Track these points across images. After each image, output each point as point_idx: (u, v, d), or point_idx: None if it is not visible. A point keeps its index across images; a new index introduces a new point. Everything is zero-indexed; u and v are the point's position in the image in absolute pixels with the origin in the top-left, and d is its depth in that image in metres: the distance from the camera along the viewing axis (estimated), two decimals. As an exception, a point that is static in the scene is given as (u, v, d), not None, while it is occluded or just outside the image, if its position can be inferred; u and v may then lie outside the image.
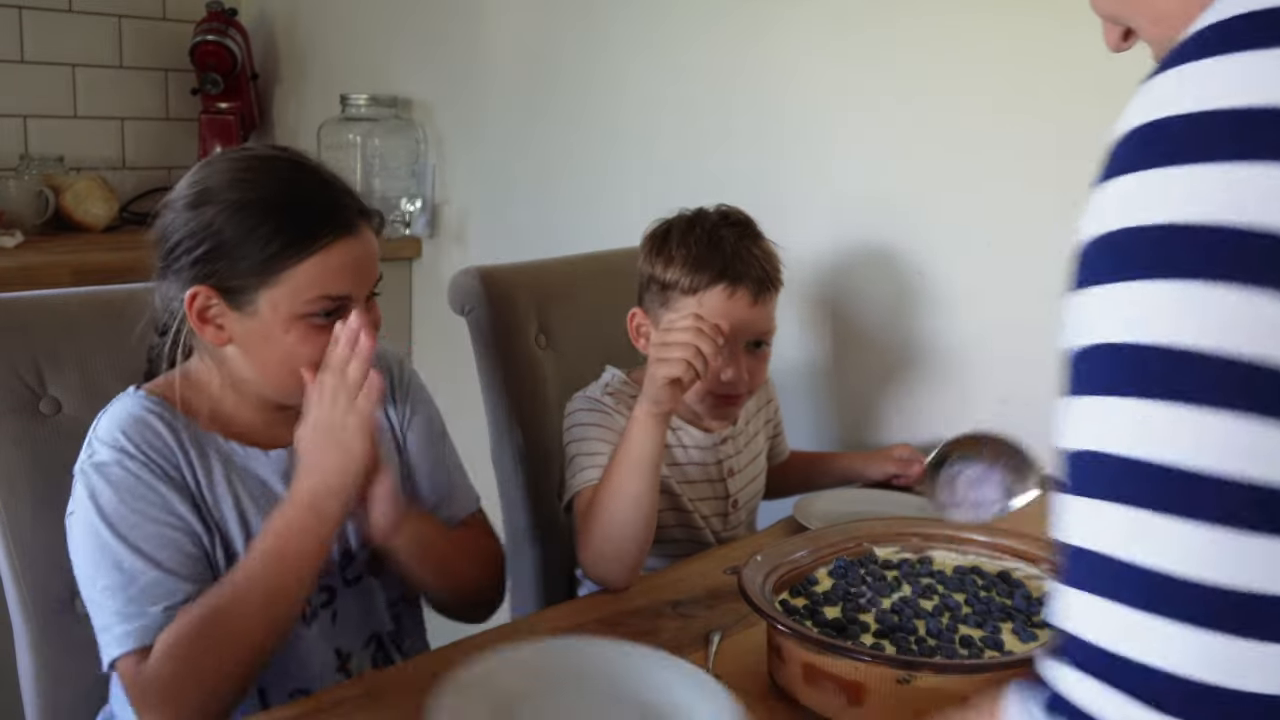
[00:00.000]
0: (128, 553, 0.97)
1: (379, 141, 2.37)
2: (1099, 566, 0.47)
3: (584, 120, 2.10)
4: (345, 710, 0.94)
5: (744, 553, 1.14)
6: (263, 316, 1.01)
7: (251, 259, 1.00)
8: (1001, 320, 1.60)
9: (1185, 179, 0.45)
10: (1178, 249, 0.44)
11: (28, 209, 2.37)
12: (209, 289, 1.01)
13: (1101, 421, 0.48)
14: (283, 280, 1.00)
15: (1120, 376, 0.46)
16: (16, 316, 1.11)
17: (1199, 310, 0.44)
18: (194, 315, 1.02)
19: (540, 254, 1.67)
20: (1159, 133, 0.46)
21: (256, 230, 1.00)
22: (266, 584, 0.97)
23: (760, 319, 1.34)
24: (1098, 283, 0.48)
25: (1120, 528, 0.46)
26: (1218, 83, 0.45)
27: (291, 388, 1.04)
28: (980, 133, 1.59)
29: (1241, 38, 0.45)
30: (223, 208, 1.00)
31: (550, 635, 1.05)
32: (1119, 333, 0.46)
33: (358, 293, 1.05)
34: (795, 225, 1.75)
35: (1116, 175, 0.48)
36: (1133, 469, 0.46)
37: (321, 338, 1.02)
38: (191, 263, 1.01)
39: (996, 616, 1.00)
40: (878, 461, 1.57)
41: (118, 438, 1.00)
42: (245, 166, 1.04)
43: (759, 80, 1.83)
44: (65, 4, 2.53)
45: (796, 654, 0.92)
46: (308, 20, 2.66)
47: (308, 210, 1.02)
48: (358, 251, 1.04)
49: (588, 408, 1.35)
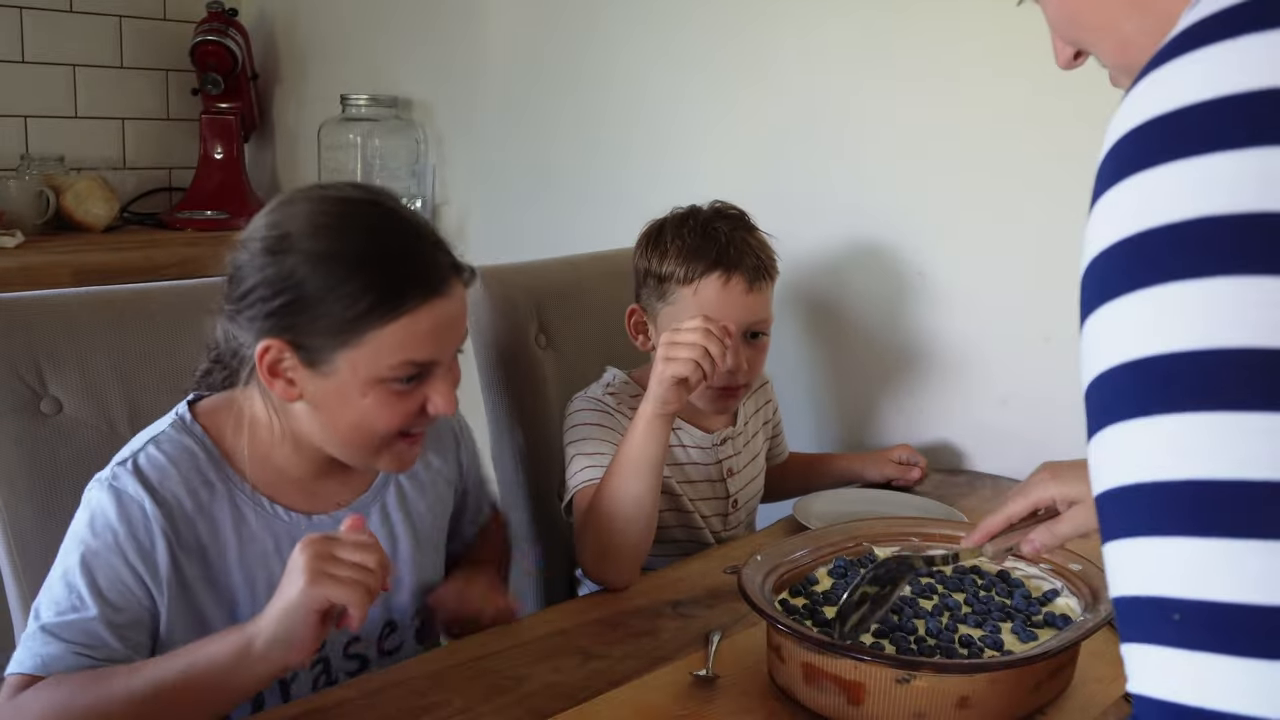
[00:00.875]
0: (86, 585, 0.92)
1: (379, 141, 2.37)
2: (1157, 612, 0.42)
3: (584, 120, 2.10)
4: (345, 711, 0.94)
5: (744, 553, 1.14)
6: (340, 377, 0.94)
7: (333, 317, 0.92)
8: (1001, 320, 1.60)
9: (1195, 171, 0.42)
10: (1197, 245, 0.41)
11: (28, 209, 2.38)
12: (283, 343, 0.93)
13: (1132, 449, 0.43)
14: (366, 342, 0.93)
15: (1148, 393, 0.42)
16: (16, 316, 1.11)
17: (1229, 309, 0.41)
18: (264, 368, 0.95)
19: (540, 254, 1.67)
20: (1161, 129, 0.44)
21: (340, 287, 0.91)
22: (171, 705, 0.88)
23: (756, 307, 1.35)
24: (1114, 296, 0.44)
25: (1180, 563, 0.42)
26: (1213, 71, 0.43)
27: (362, 450, 0.99)
28: (981, 133, 1.59)
29: (1223, 28, 0.43)
30: (304, 258, 0.92)
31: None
32: (1142, 347, 0.43)
33: (444, 356, 0.98)
34: (796, 225, 1.75)
35: (1122, 178, 0.45)
36: (1189, 492, 0.41)
37: (401, 404, 0.96)
38: (266, 313, 0.93)
39: (996, 616, 1.00)
40: (877, 464, 1.57)
41: (148, 477, 0.95)
42: (328, 211, 0.95)
43: (760, 80, 1.83)
44: (65, 4, 2.53)
45: (796, 654, 0.92)
46: (308, 20, 2.66)
47: (397, 267, 0.94)
48: (448, 313, 0.96)
49: (589, 407, 1.35)
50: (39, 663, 0.91)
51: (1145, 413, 0.43)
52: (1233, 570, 0.40)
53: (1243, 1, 0.43)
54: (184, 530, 0.96)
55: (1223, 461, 0.41)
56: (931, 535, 1.15)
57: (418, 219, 0.99)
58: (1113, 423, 0.44)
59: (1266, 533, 0.40)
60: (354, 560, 0.86)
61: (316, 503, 1.05)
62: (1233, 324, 0.41)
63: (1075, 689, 0.95)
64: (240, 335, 0.97)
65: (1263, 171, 0.40)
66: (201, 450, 0.99)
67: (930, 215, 1.66)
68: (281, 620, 0.86)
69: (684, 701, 0.95)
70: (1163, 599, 0.42)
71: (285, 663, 0.87)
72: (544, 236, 2.12)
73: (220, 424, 1.01)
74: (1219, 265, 0.41)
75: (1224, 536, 0.41)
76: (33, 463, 1.09)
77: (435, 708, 0.94)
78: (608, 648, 1.05)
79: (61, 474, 1.09)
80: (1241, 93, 0.41)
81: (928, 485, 1.55)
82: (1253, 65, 0.41)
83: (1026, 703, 0.91)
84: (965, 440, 1.67)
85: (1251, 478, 0.40)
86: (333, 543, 0.87)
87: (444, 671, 1.00)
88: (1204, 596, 0.41)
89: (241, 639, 0.87)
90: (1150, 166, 0.43)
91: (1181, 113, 0.43)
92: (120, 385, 1.14)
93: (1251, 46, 0.42)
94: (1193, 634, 0.41)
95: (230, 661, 0.86)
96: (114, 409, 1.13)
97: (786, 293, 1.79)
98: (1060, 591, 1.04)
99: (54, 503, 1.08)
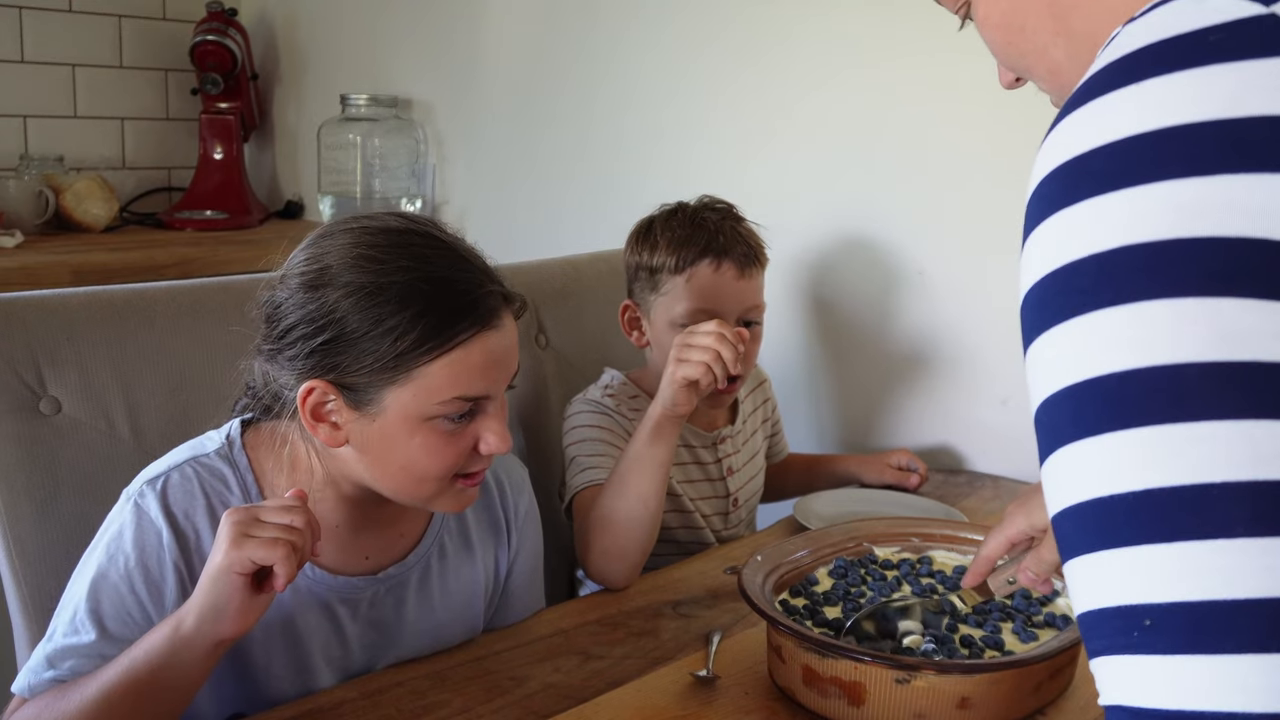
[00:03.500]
0: (89, 611, 0.90)
1: (379, 141, 2.37)
2: (1124, 621, 0.43)
3: (584, 120, 2.10)
4: (345, 711, 0.94)
5: (744, 553, 1.14)
6: (387, 418, 0.90)
7: (378, 354, 0.87)
8: (1001, 320, 1.60)
9: (1118, 203, 0.44)
10: (1123, 272, 0.44)
11: (28, 209, 2.37)
12: (326, 384, 0.89)
13: (1084, 467, 0.45)
14: (414, 378, 0.88)
15: (1098, 412, 0.44)
16: (16, 316, 1.11)
17: (1157, 327, 0.43)
18: (307, 412, 0.90)
19: (540, 254, 1.67)
20: (1082, 167, 0.46)
21: (386, 320, 0.87)
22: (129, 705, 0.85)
23: (749, 292, 1.36)
24: (1050, 325, 0.46)
25: (1145, 569, 0.43)
26: (1120, 114, 0.45)
27: (410, 492, 0.94)
28: (981, 132, 1.59)
29: (1142, 68, 0.45)
30: (345, 292, 0.88)
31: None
32: (1083, 370, 0.45)
33: (495, 391, 0.93)
34: (796, 225, 1.76)
35: (1045, 217, 0.47)
36: (1138, 503, 0.43)
37: (452, 444, 0.91)
38: (308, 352, 0.89)
39: (996, 616, 1.00)
40: (876, 468, 1.57)
41: (173, 504, 0.93)
42: (369, 242, 0.90)
43: (761, 80, 1.83)
44: (65, 4, 2.53)
45: (797, 654, 0.92)
46: (308, 20, 2.66)
47: (446, 298, 0.89)
48: (499, 346, 0.92)
49: (588, 409, 1.35)
50: (24, 685, 0.90)
51: (1091, 432, 0.44)
52: (1199, 570, 0.42)
53: (1145, 46, 0.46)
54: (198, 567, 0.92)
55: (1172, 469, 0.42)
56: (932, 535, 1.15)
57: (464, 246, 0.94)
58: (1061, 445, 0.46)
59: (1224, 532, 0.41)
60: (279, 522, 0.84)
61: (349, 560, 1.00)
62: (1162, 343, 0.43)
63: (1075, 689, 0.95)
64: (280, 376, 0.93)
65: (1173, 202, 0.43)
66: (238, 483, 0.96)
67: (930, 214, 1.66)
68: (209, 589, 0.83)
69: (684, 702, 0.95)
70: (1130, 607, 0.43)
71: (218, 635, 0.84)
72: (543, 236, 2.12)
73: (263, 458, 0.98)
74: (1142, 290, 0.43)
75: (1185, 540, 0.42)
76: (32, 463, 1.09)
77: (435, 708, 0.94)
78: (608, 648, 1.05)
79: (61, 474, 1.09)
80: (1145, 132, 0.44)
81: (928, 485, 1.55)
82: (1152, 108, 0.44)
83: (1027, 703, 0.91)
84: (965, 440, 1.67)
85: (1201, 481, 0.42)
86: (258, 508, 0.85)
87: (444, 671, 1.00)
88: (1173, 599, 0.42)
89: (172, 621, 0.84)
90: (1073, 203, 0.46)
91: (1095, 152, 0.46)
92: (120, 385, 1.14)
93: (1151, 90, 0.45)
94: (1162, 638, 0.42)
95: (164, 647, 0.84)
96: (113, 409, 1.13)
97: (786, 292, 1.79)
98: (1061, 591, 1.04)
99: (53, 503, 1.08)
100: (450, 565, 1.07)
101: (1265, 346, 0.42)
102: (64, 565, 1.01)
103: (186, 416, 1.15)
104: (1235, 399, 0.42)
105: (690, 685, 0.97)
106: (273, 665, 0.98)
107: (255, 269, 1.01)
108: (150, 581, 0.92)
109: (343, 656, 1.01)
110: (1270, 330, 0.42)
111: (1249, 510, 0.41)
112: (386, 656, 1.03)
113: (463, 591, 1.08)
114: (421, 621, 1.05)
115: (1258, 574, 0.41)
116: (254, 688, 0.97)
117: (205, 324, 1.20)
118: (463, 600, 1.08)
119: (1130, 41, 0.47)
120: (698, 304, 1.32)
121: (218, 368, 1.12)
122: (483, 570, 1.10)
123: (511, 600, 1.13)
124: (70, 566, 0.98)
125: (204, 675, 0.87)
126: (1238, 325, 0.42)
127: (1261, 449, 0.41)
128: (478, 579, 1.09)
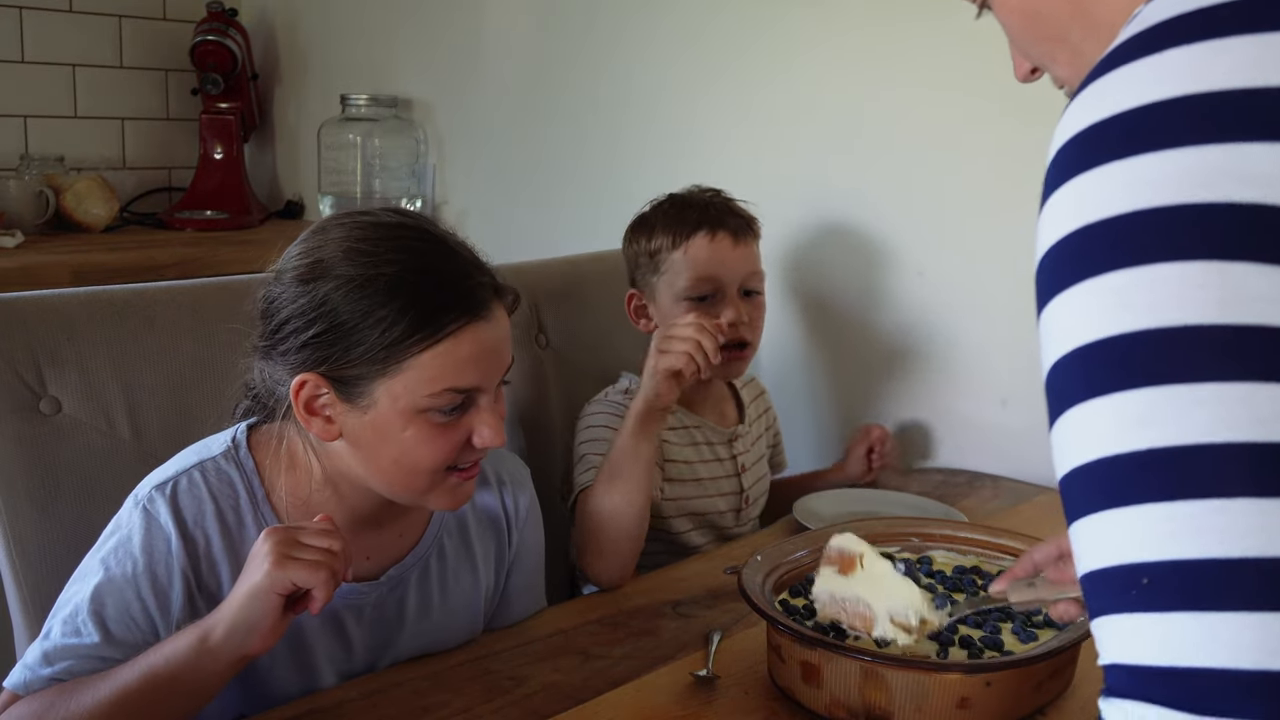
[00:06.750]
0: (92, 614, 0.89)
1: (379, 141, 2.37)
2: (1124, 579, 0.44)
3: (584, 120, 2.10)
4: (345, 711, 0.94)
5: (744, 553, 1.14)
6: (379, 410, 0.90)
7: (369, 345, 0.88)
8: (1001, 321, 1.60)
9: (1134, 169, 0.45)
10: (1135, 235, 0.45)
11: (28, 209, 2.37)
12: (319, 377, 0.90)
13: (1090, 427, 0.46)
14: (405, 370, 0.89)
15: (1106, 372, 0.45)
16: (16, 316, 1.11)
17: (1167, 289, 0.44)
18: (300, 406, 0.91)
19: (540, 254, 1.67)
20: (1100, 133, 0.47)
21: (376, 311, 0.88)
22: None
23: (746, 259, 1.39)
24: (1062, 289, 0.47)
25: (1145, 528, 0.44)
26: (1140, 82, 0.46)
27: (408, 489, 0.95)
28: (982, 132, 1.59)
29: (1162, 40, 0.46)
30: (338, 284, 0.89)
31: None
32: (1092, 331, 0.45)
33: (487, 384, 0.94)
34: (796, 224, 1.76)
35: (1062, 183, 0.48)
36: (1141, 462, 0.44)
37: (444, 437, 0.92)
38: (300, 345, 0.90)
39: (996, 616, 1.00)
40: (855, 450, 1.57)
41: (182, 510, 0.93)
42: (361, 235, 0.91)
43: (759, 79, 1.83)
44: (65, 4, 2.53)
45: (796, 654, 0.92)
46: (308, 20, 2.66)
47: (436, 289, 0.90)
48: (490, 337, 0.92)
49: (606, 410, 1.37)
50: (19, 681, 0.90)
51: (1100, 392, 0.45)
52: (1197, 529, 0.43)
53: (1166, 19, 0.47)
54: (206, 574, 0.94)
55: (1175, 429, 0.43)
56: (931, 535, 1.15)
57: (455, 240, 0.95)
58: (1070, 406, 0.47)
59: (1222, 492, 0.42)
60: (319, 545, 0.85)
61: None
62: (1171, 305, 0.43)
63: (1075, 689, 0.95)
64: (276, 373, 0.93)
65: (1185, 167, 0.44)
66: (244, 487, 0.96)
67: (930, 214, 1.66)
68: (245, 606, 0.84)
69: (684, 701, 0.95)
70: (1130, 565, 0.44)
71: (244, 651, 0.85)
72: (544, 236, 2.12)
73: (268, 460, 0.98)
74: (1152, 253, 0.44)
75: (1185, 499, 0.43)
76: (32, 463, 1.09)
77: (435, 708, 0.94)
78: (608, 648, 1.05)
79: (61, 474, 1.09)
80: (1163, 100, 0.45)
81: (928, 485, 1.55)
82: (1171, 76, 0.45)
83: (1027, 703, 0.91)
84: (965, 440, 1.67)
85: (1203, 441, 0.43)
86: (297, 530, 0.86)
87: (444, 671, 1.01)
88: (1170, 557, 0.43)
89: (198, 632, 0.85)
90: (1089, 168, 0.47)
91: (1113, 119, 0.47)
92: (120, 385, 1.14)
93: (1172, 59, 0.46)
94: (1160, 596, 0.43)
95: (188, 656, 0.84)
96: (113, 409, 1.13)
97: (786, 292, 1.79)
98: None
99: (53, 502, 1.08)
100: (450, 565, 1.07)
101: (1271, 311, 0.42)
102: (64, 565, 1.01)
103: (186, 416, 1.15)
104: (1239, 361, 0.42)
105: (690, 685, 0.97)
106: (276, 669, 0.98)
107: (255, 269, 1.02)
108: (158, 588, 0.92)
109: (346, 659, 1.01)
110: (1277, 295, 0.42)
111: (1248, 471, 0.42)
112: (388, 656, 1.03)
113: (463, 591, 1.08)
114: (422, 621, 1.05)
115: (1254, 533, 0.42)
116: (258, 692, 0.97)
117: (205, 324, 1.20)
118: (463, 600, 1.08)
119: (1153, 15, 0.48)
120: (699, 273, 1.35)
121: (218, 368, 1.12)
122: (483, 570, 1.10)
123: (512, 600, 1.13)
124: (70, 566, 0.98)
125: (221, 686, 0.88)
126: (1245, 289, 0.42)
127: (1262, 411, 0.42)
128: (478, 579, 1.09)
